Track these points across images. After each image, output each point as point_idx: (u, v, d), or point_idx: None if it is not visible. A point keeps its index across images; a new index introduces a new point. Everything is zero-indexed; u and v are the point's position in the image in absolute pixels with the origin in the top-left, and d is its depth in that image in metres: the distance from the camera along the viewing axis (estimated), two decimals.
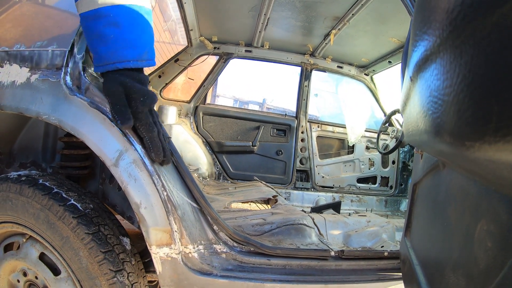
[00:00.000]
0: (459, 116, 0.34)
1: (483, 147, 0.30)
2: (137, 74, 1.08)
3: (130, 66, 1.05)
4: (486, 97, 0.30)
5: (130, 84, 1.05)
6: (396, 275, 1.46)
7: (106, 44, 1.03)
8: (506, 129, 0.27)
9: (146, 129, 1.11)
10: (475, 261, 0.48)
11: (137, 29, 1.08)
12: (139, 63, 1.08)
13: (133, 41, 1.06)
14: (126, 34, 1.05)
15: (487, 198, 0.46)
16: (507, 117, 0.27)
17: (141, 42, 1.08)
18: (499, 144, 0.28)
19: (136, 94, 1.06)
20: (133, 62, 1.06)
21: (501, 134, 0.28)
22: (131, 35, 1.06)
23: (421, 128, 0.46)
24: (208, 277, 1.23)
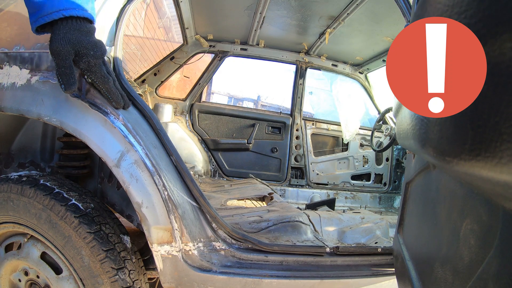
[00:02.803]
0: (440, 135, 0.38)
1: (460, 163, 0.34)
2: (83, 25, 1.04)
3: (76, 14, 1.01)
4: (463, 122, 0.34)
5: (78, 40, 1.02)
6: (389, 271, 1.51)
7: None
8: (478, 150, 0.31)
9: (102, 81, 1.12)
10: (460, 256, 0.52)
11: None
12: (84, 12, 1.03)
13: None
14: None
15: (471, 199, 0.50)
16: (478, 141, 0.31)
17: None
18: (472, 161, 0.32)
19: (86, 49, 1.04)
20: (79, 10, 1.02)
21: (474, 154, 0.32)
22: None
23: (410, 137, 0.50)
24: (207, 274, 1.27)
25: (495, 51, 0.36)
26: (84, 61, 1.05)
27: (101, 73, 1.11)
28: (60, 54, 1.01)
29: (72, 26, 1.02)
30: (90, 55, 1.05)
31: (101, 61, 1.11)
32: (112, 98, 1.16)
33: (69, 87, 1.04)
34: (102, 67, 1.11)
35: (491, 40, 0.36)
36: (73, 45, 1.02)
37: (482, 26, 0.37)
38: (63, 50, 1.00)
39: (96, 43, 1.07)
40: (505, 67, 0.35)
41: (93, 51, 1.06)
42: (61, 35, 1.00)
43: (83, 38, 1.03)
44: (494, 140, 0.33)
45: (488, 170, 0.33)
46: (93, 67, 1.08)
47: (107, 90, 1.14)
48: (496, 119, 0.33)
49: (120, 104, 1.19)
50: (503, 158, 0.32)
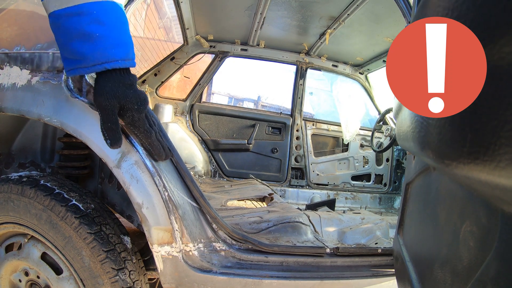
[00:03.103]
0: (440, 138, 0.38)
1: (459, 166, 0.35)
2: (127, 78, 1.01)
3: (119, 66, 0.97)
4: (462, 125, 0.34)
5: (123, 94, 0.98)
6: (389, 271, 1.51)
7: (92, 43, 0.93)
8: (477, 154, 0.32)
9: (145, 136, 1.09)
10: (460, 258, 0.52)
11: (121, 27, 1.00)
12: (126, 62, 1.00)
13: (118, 39, 0.98)
14: (111, 32, 0.96)
15: (471, 202, 0.50)
16: (477, 144, 0.31)
17: (125, 40, 1.01)
18: (471, 165, 0.32)
19: (130, 103, 1.00)
20: (121, 61, 0.98)
21: (473, 157, 0.32)
22: (116, 33, 0.98)
23: (410, 139, 0.50)
24: (208, 274, 1.27)
25: (494, 55, 0.36)
26: (129, 115, 1.02)
27: (144, 128, 1.07)
28: (106, 108, 0.98)
29: (117, 78, 0.98)
30: (135, 109, 1.02)
31: (144, 115, 1.07)
32: (154, 152, 1.14)
33: (115, 143, 1.01)
34: (145, 122, 1.08)
35: (490, 44, 0.36)
36: (119, 100, 0.98)
37: (481, 30, 0.38)
38: (109, 105, 0.97)
39: (140, 96, 1.02)
40: (504, 71, 0.35)
41: (137, 105, 1.02)
42: (107, 89, 0.97)
43: (128, 91, 1.00)
44: (493, 144, 0.33)
45: (487, 173, 0.34)
46: (137, 121, 1.05)
47: (149, 144, 1.12)
48: (495, 122, 0.33)
49: (162, 157, 1.17)
50: (502, 161, 0.33)
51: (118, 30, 0.98)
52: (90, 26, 0.93)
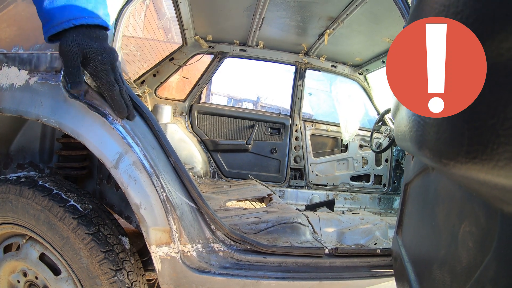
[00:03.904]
0: (437, 137, 0.38)
1: (457, 165, 0.34)
2: (93, 31, 1.05)
3: (86, 22, 1.02)
4: (460, 124, 0.34)
5: (86, 43, 1.03)
6: (388, 272, 1.51)
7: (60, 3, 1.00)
8: (475, 153, 0.31)
9: (107, 88, 1.10)
10: (459, 259, 0.51)
11: None
12: (95, 20, 1.05)
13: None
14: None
15: (469, 202, 0.50)
16: (475, 143, 0.31)
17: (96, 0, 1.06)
18: (469, 164, 0.32)
19: (93, 53, 1.04)
20: (88, 18, 1.03)
21: (471, 157, 0.32)
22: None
23: (408, 139, 0.50)
24: (206, 275, 1.27)
25: (493, 52, 0.36)
26: (92, 65, 1.06)
27: (106, 80, 1.09)
28: (67, 54, 1.02)
29: (82, 32, 1.03)
30: (98, 60, 1.05)
31: (109, 67, 1.09)
32: (115, 107, 1.15)
33: (75, 86, 1.06)
34: (109, 73, 1.10)
35: (488, 41, 0.36)
36: (81, 48, 1.02)
37: (479, 26, 0.37)
38: (70, 51, 1.01)
39: (105, 48, 1.07)
40: (502, 67, 0.35)
41: (101, 56, 1.05)
42: (70, 38, 1.01)
43: (92, 42, 1.04)
44: (491, 143, 0.33)
45: (485, 173, 0.33)
46: (99, 72, 1.07)
47: (110, 98, 1.13)
48: (493, 121, 0.33)
49: (123, 114, 1.17)
50: (500, 161, 0.32)
51: None
52: None
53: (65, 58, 1.03)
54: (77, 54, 1.02)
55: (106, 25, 1.10)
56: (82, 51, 1.03)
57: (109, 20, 1.12)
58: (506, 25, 0.33)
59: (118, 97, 1.13)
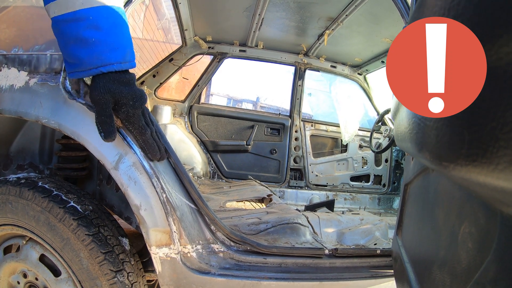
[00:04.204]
0: (437, 140, 0.38)
1: (456, 168, 0.34)
2: (123, 76, 1.04)
3: (114, 69, 1.01)
4: (460, 127, 0.34)
5: (118, 89, 1.02)
6: (388, 272, 1.51)
7: (88, 48, 0.98)
8: (475, 156, 0.31)
9: (139, 133, 1.11)
10: (458, 260, 0.52)
11: (118, 31, 1.04)
12: (122, 65, 1.04)
13: (115, 43, 1.02)
14: (107, 36, 1.00)
15: (469, 203, 0.50)
16: (475, 146, 0.31)
17: (123, 44, 1.05)
18: (469, 167, 0.32)
19: (125, 98, 1.03)
20: (117, 64, 1.02)
21: (471, 159, 0.32)
22: (112, 37, 1.02)
23: (408, 140, 0.50)
24: (206, 276, 1.27)
25: (492, 56, 0.36)
26: (123, 111, 1.05)
27: (139, 124, 1.09)
28: (100, 102, 1.01)
29: (112, 77, 1.02)
30: (129, 105, 1.04)
31: (140, 111, 1.09)
32: (148, 150, 1.14)
33: (109, 136, 1.04)
34: (140, 118, 1.09)
35: (488, 45, 0.36)
36: (113, 95, 1.01)
37: (479, 30, 0.37)
38: (102, 99, 1.01)
39: (136, 93, 1.06)
40: (502, 72, 0.35)
41: (133, 101, 1.05)
42: (100, 85, 1.00)
43: (123, 88, 1.03)
44: (491, 146, 0.33)
45: (485, 175, 0.33)
46: (131, 117, 1.07)
47: (143, 142, 1.13)
48: (493, 124, 0.33)
49: (156, 157, 1.17)
50: (500, 164, 0.32)
51: (114, 33, 1.02)
52: (86, 31, 0.97)
53: (97, 106, 1.02)
54: (109, 102, 1.02)
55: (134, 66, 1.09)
56: (114, 97, 1.02)
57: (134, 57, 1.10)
58: (506, 30, 0.34)
59: (150, 140, 1.13)
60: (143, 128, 1.11)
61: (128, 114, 1.06)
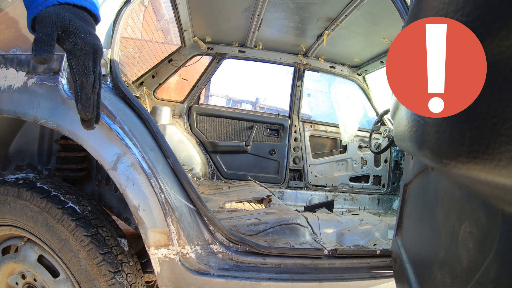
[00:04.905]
0: (437, 137, 0.37)
1: (457, 165, 0.34)
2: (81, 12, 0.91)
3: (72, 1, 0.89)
4: (461, 123, 0.33)
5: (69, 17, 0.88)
6: (387, 273, 1.50)
7: None
8: (476, 152, 0.31)
9: (80, 71, 0.89)
10: (459, 260, 0.51)
11: None
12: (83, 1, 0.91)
13: None
14: None
15: (470, 202, 0.50)
16: (476, 142, 0.31)
17: None
18: (471, 164, 0.32)
19: (75, 28, 0.88)
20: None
21: (472, 156, 0.31)
22: None
23: (407, 139, 0.49)
24: (205, 277, 1.26)
25: (493, 50, 0.35)
26: (71, 40, 0.88)
27: (83, 62, 0.90)
28: (43, 21, 0.85)
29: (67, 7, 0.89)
30: (80, 36, 0.89)
31: (91, 50, 0.91)
32: (81, 98, 0.90)
33: (39, 53, 0.82)
34: (88, 57, 0.91)
35: (488, 39, 0.36)
36: (61, 19, 0.87)
37: (479, 24, 0.37)
38: (47, 18, 0.85)
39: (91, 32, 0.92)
40: (503, 65, 0.34)
41: (84, 34, 0.90)
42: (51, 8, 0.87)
43: (76, 19, 0.90)
44: (493, 142, 0.32)
45: (487, 172, 0.33)
46: (78, 50, 0.89)
47: (80, 85, 0.90)
48: (495, 120, 0.33)
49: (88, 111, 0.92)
50: (502, 160, 0.32)
51: None
52: None
53: (39, 24, 0.85)
54: (54, 23, 0.86)
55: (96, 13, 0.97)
56: (62, 22, 0.87)
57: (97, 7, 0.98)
58: (507, 23, 0.33)
59: (89, 88, 0.91)
60: (87, 69, 0.91)
61: (76, 46, 0.88)
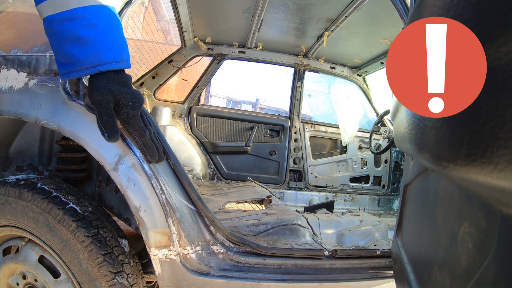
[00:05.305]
0: (437, 140, 0.38)
1: (456, 168, 0.34)
2: (120, 76, 1.03)
3: (112, 68, 1.00)
4: (460, 127, 0.34)
5: (117, 90, 1.01)
6: (388, 273, 1.51)
7: (85, 47, 0.96)
8: (474, 155, 0.31)
9: (139, 134, 1.10)
10: (458, 260, 0.52)
11: (114, 30, 1.02)
12: (120, 64, 1.02)
13: (112, 42, 1.01)
14: (104, 35, 0.99)
15: (469, 204, 0.50)
16: (475, 146, 0.31)
17: (119, 43, 1.03)
18: (469, 167, 0.32)
19: (124, 99, 1.02)
20: (115, 63, 1.01)
21: (470, 159, 0.32)
22: (109, 36, 1.00)
23: (407, 140, 0.50)
24: (205, 277, 1.26)
25: (491, 55, 0.36)
26: (124, 111, 1.04)
27: (138, 126, 1.08)
28: (101, 103, 1.00)
29: (111, 77, 1.01)
30: (129, 106, 1.04)
31: (139, 112, 1.09)
32: (147, 152, 1.14)
33: (113, 136, 1.03)
34: (140, 119, 1.09)
35: (487, 44, 0.36)
36: (113, 95, 1.00)
37: (478, 30, 0.37)
38: (104, 99, 0.99)
39: (134, 93, 1.05)
40: (501, 71, 0.35)
41: (132, 102, 1.04)
42: (101, 85, 0.99)
43: (122, 89, 1.02)
44: (491, 145, 0.33)
45: (485, 175, 0.33)
46: (131, 118, 1.06)
47: (143, 143, 1.12)
48: (493, 124, 0.33)
49: (155, 159, 1.17)
50: (500, 163, 0.32)
51: (111, 32, 1.01)
52: (83, 30, 0.95)
53: (99, 107, 1.01)
54: (110, 102, 1.00)
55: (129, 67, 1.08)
56: (114, 98, 1.01)
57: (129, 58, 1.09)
58: (506, 29, 0.34)
59: (149, 141, 1.13)
60: (143, 129, 1.10)
61: (128, 115, 1.05)
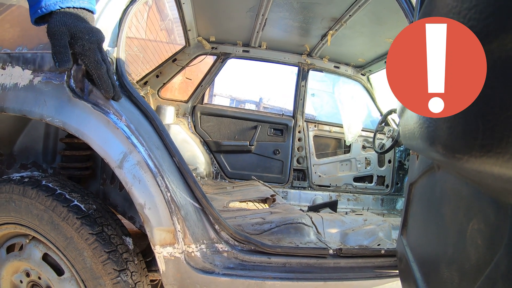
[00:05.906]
0: (450, 132, 0.37)
1: (470, 159, 0.34)
2: (80, 13, 1.11)
3: (72, 5, 1.08)
4: (474, 117, 0.33)
5: (73, 23, 1.07)
6: (393, 273, 1.50)
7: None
8: (490, 146, 0.31)
9: (94, 67, 1.13)
10: (467, 257, 0.51)
11: None
12: (81, 3, 1.10)
13: None
14: None
15: (478, 200, 0.49)
16: (489, 136, 0.31)
17: None
18: (484, 158, 0.32)
19: (80, 32, 1.08)
20: (75, 1, 1.09)
21: (485, 150, 0.31)
22: None
23: (417, 136, 0.49)
24: (210, 276, 1.26)
25: (507, 45, 0.35)
26: (79, 44, 1.09)
27: (94, 58, 1.13)
28: (55, 34, 1.05)
29: (69, 13, 1.08)
30: (85, 39, 1.09)
31: (96, 46, 1.13)
32: (102, 86, 1.17)
33: (63, 64, 1.07)
34: (96, 52, 1.14)
35: (502, 34, 0.35)
36: (68, 28, 1.06)
37: (493, 20, 0.37)
38: (58, 31, 1.05)
39: (92, 28, 1.12)
40: None
41: (88, 35, 1.10)
42: (57, 19, 1.06)
43: (79, 23, 1.09)
44: (506, 135, 0.32)
45: (500, 166, 0.33)
46: (87, 51, 1.11)
47: (98, 76, 1.15)
48: (508, 113, 0.32)
49: (110, 93, 1.19)
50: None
51: None
52: None
53: (53, 38, 1.06)
54: (64, 34, 1.06)
55: (92, 9, 1.16)
56: (70, 30, 1.07)
57: (94, 4, 1.17)
58: None
59: (105, 75, 1.16)
60: (98, 62, 1.14)
61: (84, 48, 1.10)
